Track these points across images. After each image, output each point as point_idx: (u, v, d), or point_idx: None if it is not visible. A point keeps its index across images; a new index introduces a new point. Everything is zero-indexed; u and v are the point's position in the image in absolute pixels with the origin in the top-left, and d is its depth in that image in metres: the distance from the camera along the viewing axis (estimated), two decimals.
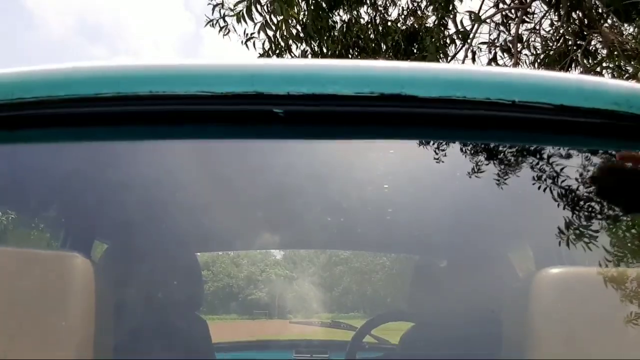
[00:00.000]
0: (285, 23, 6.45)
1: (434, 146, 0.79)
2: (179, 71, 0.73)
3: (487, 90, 0.74)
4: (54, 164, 0.81)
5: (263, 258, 1.63)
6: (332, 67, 0.76)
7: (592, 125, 0.75)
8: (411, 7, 6.98)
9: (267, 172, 0.79)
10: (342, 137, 0.78)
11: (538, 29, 6.14)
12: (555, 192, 0.77)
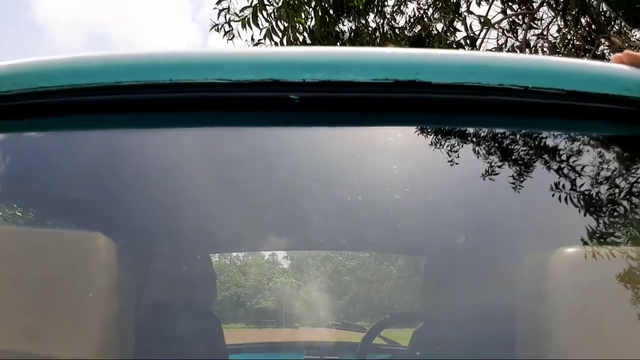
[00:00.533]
0: (292, 29, 6.49)
1: (448, 132, 0.80)
2: (198, 59, 0.74)
3: (500, 76, 0.75)
4: (75, 152, 0.83)
5: (270, 266, 1.64)
6: (347, 54, 0.77)
7: (604, 110, 0.76)
8: (418, 14, 7.01)
9: (283, 158, 0.80)
10: (357, 124, 0.79)
11: (546, 34, 6.16)
12: (569, 179, 0.78)
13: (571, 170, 0.77)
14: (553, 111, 0.76)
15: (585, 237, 0.75)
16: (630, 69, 0.76)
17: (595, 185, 0.76)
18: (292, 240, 1.04)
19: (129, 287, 0.75)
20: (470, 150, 0.78)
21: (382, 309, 1.93)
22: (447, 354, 0.83)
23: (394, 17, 7.09)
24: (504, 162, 0.79)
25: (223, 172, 0.80)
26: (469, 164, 0.78)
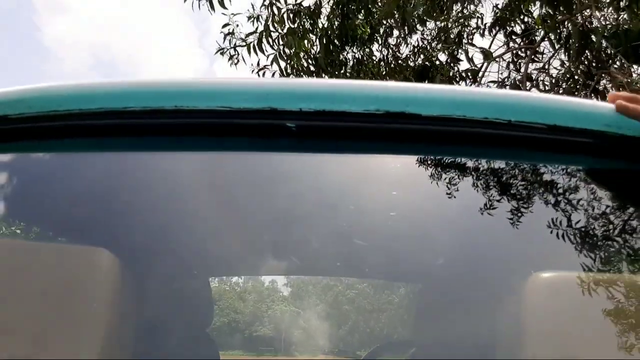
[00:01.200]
0: (297, 56, 6.59)
1: (437, 162, 0.85)
2: (201, 87, 0.80)
3: (485, 110, 0.80)
4: (83, 173, 0.87)
5: (270, 293, 1.66)
6: (341, 85, 0.82)
7: (584, 144, 0.80)
8: (422, 45, 7.12)
9: (279, 183, 0.84)
10: (350, 152, 0.84)
11: (547, 68, 6.25)
12: (549, 206, 0.82)
13: (552, 200, 0.81)
14: (535, 144, 0.81)
15: (565, 264, 0.79)
16: (610, 107, 0.81)
17: (574, 215, 0.81)
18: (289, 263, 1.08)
19: (129, 302, 0.78)
20: (457, 179, 0.83)
21: (380, 338, 1.95)
22: None
23: (398, 48, 7.20)
24: (488, 191, 0.83)
25: (223, 196, 0.85)
26: (457, 193, 0.82)
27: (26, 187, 0.84)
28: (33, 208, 0.85)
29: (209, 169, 0.84)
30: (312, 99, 0.79)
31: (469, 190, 0.81)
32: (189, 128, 0.80)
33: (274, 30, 6.38)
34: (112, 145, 0.83)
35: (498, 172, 0.83)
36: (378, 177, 0.84)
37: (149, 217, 0.85)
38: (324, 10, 6.57)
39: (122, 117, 0.80)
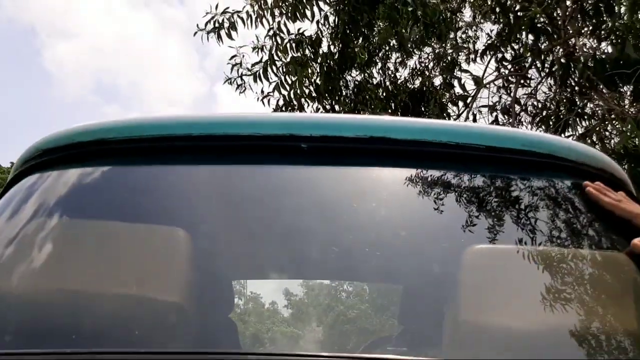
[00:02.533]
0: (299, 83, 6.93)
1: (410, 174, 1.18)
2: (242, 119, 1.14)
3: (442, 135, 1.14)
4: (150, 180, 1.21)
5: (270, 315, 1.89)
6: (339, 118, 1.16)
7: (510, 159, 1.14)
8: (419, 67, 7.47)
9: (297, 187, 1.18)
10: (346, 166, 1.18)
11: (535, 93, 6.62)
12: (488, 205, 1.16)
13: (489, 196, 1.15)
14: (476, 159, 1.15)
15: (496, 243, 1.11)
16: (525, 132, 1.15)
17: (502, 204, 1.14)
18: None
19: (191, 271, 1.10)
20: (422, 184, 1.16)
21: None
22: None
23: (396, 71, 7.52)
24: (442, 191, 1.16)
25: (257, 198, 1.18)
26: (420, 192, 1.16)
27: (123, 186, 1.18)
28: (125, 201, 1.18)
29: (249, 177, 1.18)
30: (318, 128, 1.13)
31: (428, 189, 1.15)
32: (233, 148, 1.14)
33: (278, 59, 6.75)
34: (177, 160, 1.17)
35: (451, 177, 1.17)
36: (366, 183, 1.17)
37: (206, 208, 1.18)
38: (324, 39, 6.94)
39: (185, 140, 1.14)
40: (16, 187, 1.21)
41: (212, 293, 1.37)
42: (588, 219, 1.17)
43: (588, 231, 1.16)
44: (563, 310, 1.00)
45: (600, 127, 5.44)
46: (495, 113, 6.53)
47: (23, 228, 1.14)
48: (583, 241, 1.13)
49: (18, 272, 1.08)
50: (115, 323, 0.98)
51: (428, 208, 1.14)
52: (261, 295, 1.85)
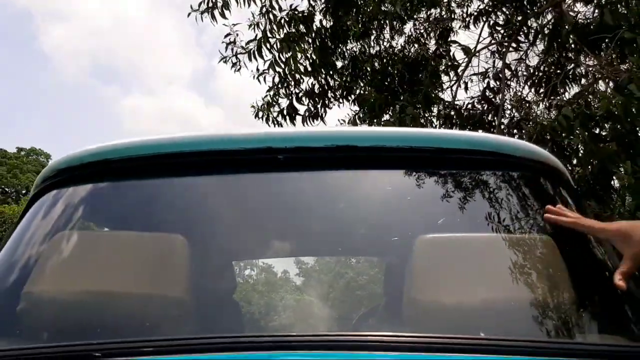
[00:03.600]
0: (293, 59, 7.04)
1: (375, 174, 1.38)
2: (226, 137, 1.33)
3: (398, 141, 1.33)
4: (149, 192, 1.42)
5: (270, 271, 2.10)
6: (310, 132, 1.35)
7: (458, 158, 1.34)
8: (415, 35, 7.55)
9: (275, 190, 1.38)
10: (318, 171, 1.37)
11: (525, 58, 6.73)
12: (450, 196, 1.35)
13: (439, 193, 1.34)
14: (428, 160, 1.34)
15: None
16: (470, 132, 1.34)
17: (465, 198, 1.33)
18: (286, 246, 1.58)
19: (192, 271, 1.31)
20: (385, 183, 1.36)
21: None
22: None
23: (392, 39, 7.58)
24: (406, 191, 1.36)
25: (239, 202, 1.38)
26: (387, 195, 1.36)
27: (127, 198, 1.39)
28: (130, 210, 1.39)
29: (234, 185, 1.38)
30: (292, 141, 1.33)
31: (386, 188, 1.35)
32: (219, 161, 1.34)
33: (272, 36, 6.86)
34: (174, 174, 1.37)
35: (407, 177, 1.36)
36: (334, 185, 1.38)
37: (205, 214, 1.39)
38: (316, 15, 7.02)
39: (178, 157, 1.33)
40: (39, 202, 1.41)
41: (213, 281, 1.59)
42: (528, 208, 1.37)
43: (526, 218, 1.36)
44: (503, 288, 1.21)
45: (586, 91, 5.57)
46: (487, 80, 6.65)
47: (46, 238, 1.35)
48: (521, 227, 1.33)
49: (45, 276, 1.29)
50: (130, 316, 1.19)
51: (387, 204, 1.35)
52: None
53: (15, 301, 1.24)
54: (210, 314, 1.36)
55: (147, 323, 1.17)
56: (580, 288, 1.21)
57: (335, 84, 7.54)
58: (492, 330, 1.07)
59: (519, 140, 1.51)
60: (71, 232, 1.35)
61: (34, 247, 1.35)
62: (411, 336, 1.02)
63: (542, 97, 6.12)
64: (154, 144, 1.34)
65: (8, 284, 1.30)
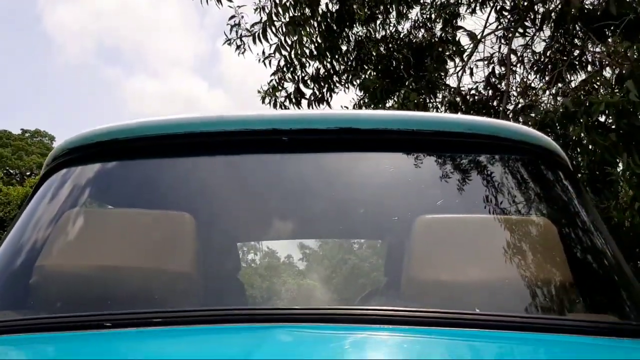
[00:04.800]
0: (298, 44, 7.03)
1: (373, 156, 1.42)
2: (233, 118, 1.37)
3: (399, 124, 1.36)
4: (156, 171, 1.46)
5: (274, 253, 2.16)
6: (314, 114, 1.39)
7: (458, 142, 1.37)
8: (421, 19, 7.52)
9: (280, 171, 1.42)
10: (321, 152, 1.41)
11: (531, 44, 6.71)
12: (451, 179, 1.39)
13: (439, 175, 1.38)
14: (429, 143, 1.37)
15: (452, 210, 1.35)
16: (471, 116, 1.38)
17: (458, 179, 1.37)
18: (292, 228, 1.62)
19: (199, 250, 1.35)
20: (384, 165, 1.40)
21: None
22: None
23: (398, 23, 7.56)
24: (407, 172, 1.40)
25: (244, 182, 1.42)
26: (388, 176, 1.39)
27: (135, 177, 1.43)
28: (138, 189, 1.43)
29: (240, 165, 1.42)
30: (296, 123, 1.36)
31: (388, 169, 1.39)
32: (226, 142, 1.37)
33: (277, 19, 6.85)
34: (180, 154, 1.41)
35: (408, 159, 1.40)
36: (337, 165, 1.41)
37: (212, 194, 1.43)
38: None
39: (185, 137, 1.37)
40: (49, 180, 1.46)
41: (219, 257, 1.63)
42: (525, 192, 1.41)
43: (523, 201, 1.39)
44: (498, 267, 1.25)
45: (593, 79, 5.56)
46: (492, 65, 6.64)
47: (57, 214, 1.39)
48: (517, 209, 1.36)
49: (57, 250, 1.34)
50: (140, 289, 1.24)
51: (390, 186, 1.38)
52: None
53: (28, 274, 1.29)
54: (216, 288, 1.41)
55: (155, 296, 1.22)
56: (573, 268, 1.25)
57: (340, 69, 7.53)
58: (487, 306, 1.11)
59: (518, 124, 1.54)
60: (82, 209, 1.40)
61: (45, 223, 1.40)
62: (409, 311, 1.06)
63: (548, 84, 6.11)
64: (163, 124, 1.38)
65: (21, 258, 1.35)
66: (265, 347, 0.84)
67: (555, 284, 1.25)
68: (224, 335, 1.01)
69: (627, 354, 1.00)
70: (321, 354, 0.87)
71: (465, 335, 1.00)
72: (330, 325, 1.01)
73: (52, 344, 1.04)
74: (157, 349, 0.97)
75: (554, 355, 0.97)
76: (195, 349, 0.96)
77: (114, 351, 0.97)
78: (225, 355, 0.88)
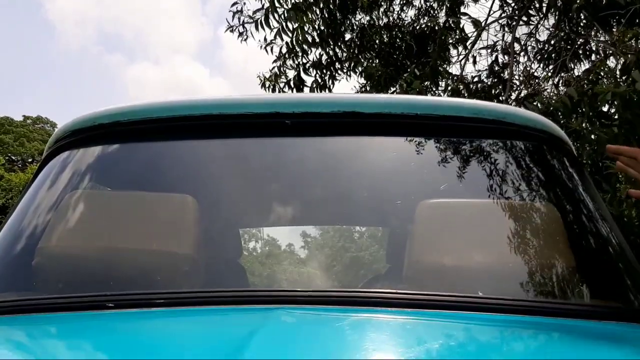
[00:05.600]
0: (300, 30, 7.00)
1: (375, 140, 1.41)
2: (236, 100, 1.36)
3: (400, 108, 1.35)
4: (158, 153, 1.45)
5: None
6: (317, 97, 1.37)
7: (462, 126, 1.36)
8: (425, 7, 7.46)
9: (282, 154, 1.42)
10: (323, 136, 1.40)
11: (535, 33, 6.66)
12: (454, 163, 1.38)
13: (442, 160, 1.37)
14: (433, 127, 1.36)
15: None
16: (475, 101, 1.36)
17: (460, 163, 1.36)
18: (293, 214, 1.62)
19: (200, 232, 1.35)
20: (386, 149, 1.39)
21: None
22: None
23: (401, 11, 7.49)
24: (410, 157, 1.39)
25: (246, 166, 1.42)
26: (391, 161, 1.39)
27: (137, 159, 1.43)
28: (139, 171, 1.43)
29: (243, 148, 1.41)
30: (299, 106, 1.35)
31: (391, 154, 1.38)
32: (229, 125, 1.37)
33: (279, 5, 6.80)
34: (182, 136, 1.40)
35: (411, 143, 1.39)
36: (340, 150, 1.41)
37: (214, 177, 1.43)
38: None
39: (187, 120, 1.37)
40: (51, 163, 1.45)
41: (220, 240, 1.63)
42: (528, 176, 1.40)
43: (526, 186, 1.39)
44: (501, 251, 1.24)
45: (596, 68, 5.52)
46: (495, 54, 6.60)
47: (60, 196, 1.39)
48: (520, 194, 1.36)
49: (59, 232, 1.34)
50: (142, 271, 1.24)
51: (392, 169, 1.38)
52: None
53: (30, 256, 1.29)
54: (217, 270, 1.41)
55: (157, 277, 1.22)
56: (576, 253, 1.25)
57: (343, 56, 7.49)
58: (490, 290, 1.11)
59: (522, 109, 1.53)
60: (84, 191, 1.39)
61: (47, 205, 1.39)
62: (411, 294, 1.06)
63: (551, 73, 6.08)
64: (165, 107, 1.37)
65: (23, 240, 1.35)
66: (266, 328, 0.84)
67: (558, 269, 1.24)
68: (225, 316, 1.01)
69: (630, 338, 1.00)
70: (322, 335, 0.87)
71: (468, 318, 1.00)
72: (332, 307, 1.01)
73: (55, 324, 1.04)
74: (159, 329, 0.97)
75: (556, 339, 0.96)
76: (196, 329, 0.96)
77: (116, 331, 0.97)
78: (226, 335, 0.88)
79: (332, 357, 0.73)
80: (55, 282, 1.29)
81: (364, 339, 0.86)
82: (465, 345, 0.89)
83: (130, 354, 0.78)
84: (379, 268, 2.35)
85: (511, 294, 1.12)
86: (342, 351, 0.77)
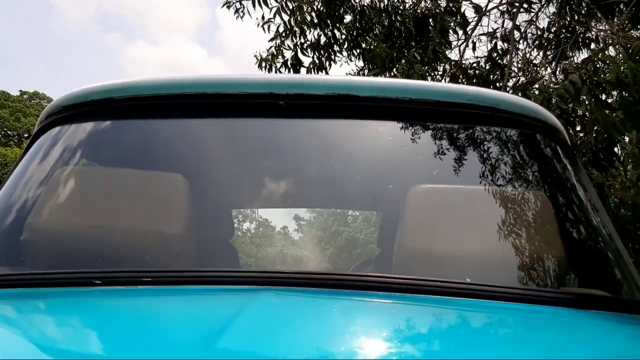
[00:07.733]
0: (299, 9, 6.93)
1: (370, 124, 1.40)
2: (230, 80, 1.34)
3: (396, 92, 1.34)
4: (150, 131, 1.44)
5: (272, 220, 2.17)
6: (311, 78, 1.36)
7: (456, 112, 1.35)
8: None
9: (276, 135, 1.40)
10: (317, 118, 1.39)
11: (535, 20, 6.62)
12: (447, 149, 1.37)
13: (435, 146, 1.36)
14: (427, 112, 1.35)
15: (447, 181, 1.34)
16: (470, 87, 1.35)
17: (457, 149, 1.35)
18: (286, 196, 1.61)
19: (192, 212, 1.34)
20: (381, 133, 1.38)
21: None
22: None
23: None
24: (403, 142, 1.38)
25: (239, 146, 1.41)
26: (385, 145, 1.38)
27: (128, 136, 1.41)
28: (131, 148, 1.42)
29: (236, 128, 1.40)
30: (294, 87, 1.34)
31: (385, 138, 1.37)
32: (222, 104, 1.35)
33: None
34: (174, 115, 1.39)
35: (405, 128, 1.38)
36: (334, 133, 1.40)
37: (206, 157, 1.42)
38: None
39: (180, 98, 1.35)
40: (42, 138, 1.44)
41: (212, 220, 1.63)
42: (521, 164, 1.39)
43: (519, 173, 1.38)
44: (490, 238, 1.24)
45: (596, 57, 5.49)
46: (494, 40, 6.56)
47: (50, 171, 1.38)
48: (512, 181, 1.36)
49: (48, 208, 1.33)
50: (130, 249, 1.23)
51: (385, 154, 1.37)
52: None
53: (18, 231, 1.28)
54: (207, 250, 1.40)
55: (146, 256, 1.21)
56: (565, 242, 1.25)
57: (341, 37, 7.43)
58: (477, 277, 1.11)
59: (517, 96, 1.52)
60: (74, 167, 1.38)
61: (37, 181, 1.38)
62: (400, 278, 1.06)
63: (551, 61, 6.05)
64: (159, 84, 1.36)
65: (12, 215, 1.34)
66: (251, 308, 0.84)
67: (547, 257, 1.25)
68: (211, 295, 1.01)
69: (617, 326, 1.00)
70: (306, 316, 0.87)
71: (454, 304, 1.01)
72: (319, 290, 1.01)
73: (41, 299, 1.04)
74: (146, 306, 0.97)
75: (542, 327, 0.97)
76: (180, 308, 0.96)
77: (102, 307, 0.96)
78: (210, 315, 0.88)
79: (314, 338, 0.73)
80: (43, 257, 1.28)
81: (348, 322, 0.86)
82: (451, 330, 0.89)
83: (112, 331, 0.78)
84: (370, 252, 2.36)
85: (500, 281, 1.12)
86: (325, 333, 0.77)
